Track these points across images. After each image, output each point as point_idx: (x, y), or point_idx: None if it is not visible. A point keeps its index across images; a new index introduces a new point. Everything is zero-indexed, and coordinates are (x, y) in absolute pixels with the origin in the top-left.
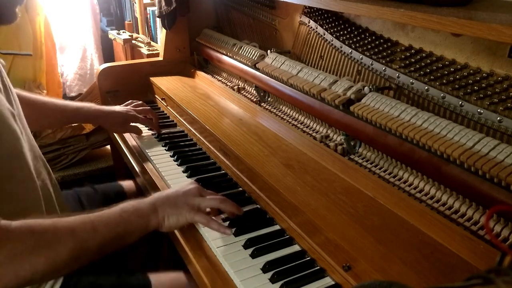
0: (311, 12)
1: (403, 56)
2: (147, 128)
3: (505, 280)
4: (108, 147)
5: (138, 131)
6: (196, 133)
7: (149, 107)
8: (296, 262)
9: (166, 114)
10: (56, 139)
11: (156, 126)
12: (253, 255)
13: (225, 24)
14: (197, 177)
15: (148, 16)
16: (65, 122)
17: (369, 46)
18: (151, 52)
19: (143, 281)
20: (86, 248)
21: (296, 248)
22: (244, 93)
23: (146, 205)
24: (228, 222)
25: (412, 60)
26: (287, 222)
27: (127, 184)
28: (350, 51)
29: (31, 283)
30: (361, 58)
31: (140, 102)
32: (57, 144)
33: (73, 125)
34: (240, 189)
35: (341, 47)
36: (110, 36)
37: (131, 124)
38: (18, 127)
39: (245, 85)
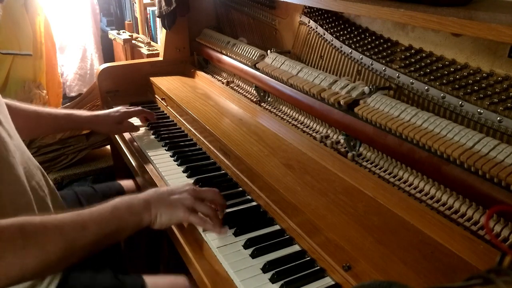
0: (311, 12)
1: (403, 56)
2: (147, 128)
3: (505, 280)
4: (108, 147)
5: (133, 128)
6: (196, 133)
7: (140, 108)
8: (296, 262)
9: (166, 114)
10: (56, 139)
11: (149, 113)
12: (253, 255)
13: (225, 24)
14: (197, 177)
15: (148, 16)
16: (59, 129)
17: (369, 46)
18: (151, 52)
19: (139, 284)
20: (76, 247)
21: (296, 248)
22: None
23: (139, 202)
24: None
25: (412, 60)
26: (287, 222)
27: (127, 183)
28: (350, 51)
29: (22, 281)
30: (361, 58)
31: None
32: (57, 144)
33: None
34: (240, 189)
35: (341, 47)
36: (110, 36)
37: (126, 121)
38: (5, 130)
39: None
